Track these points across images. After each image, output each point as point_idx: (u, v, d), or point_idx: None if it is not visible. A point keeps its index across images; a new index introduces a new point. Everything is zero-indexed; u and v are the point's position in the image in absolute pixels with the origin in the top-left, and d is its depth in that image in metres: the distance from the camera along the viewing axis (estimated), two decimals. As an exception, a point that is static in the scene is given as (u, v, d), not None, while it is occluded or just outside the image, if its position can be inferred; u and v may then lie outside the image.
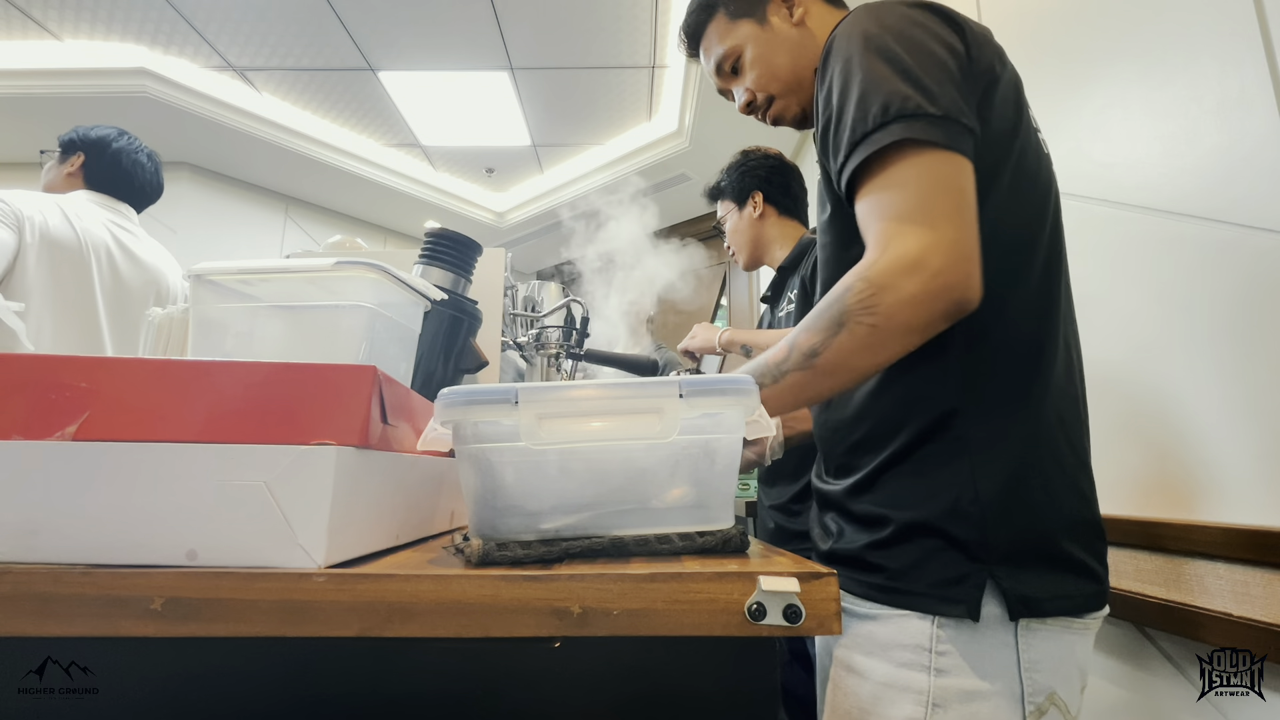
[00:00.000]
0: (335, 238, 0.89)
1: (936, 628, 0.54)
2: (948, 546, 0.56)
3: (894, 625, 0.56)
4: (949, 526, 0.56)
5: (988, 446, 0.57)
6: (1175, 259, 1.01)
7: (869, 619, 0.58)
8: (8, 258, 1.28)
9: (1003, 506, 0.56)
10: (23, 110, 3.10)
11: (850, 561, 0.61)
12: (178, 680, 0.38)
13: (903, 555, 0.57)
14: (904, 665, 0.55)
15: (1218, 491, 0.92)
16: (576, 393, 0.45)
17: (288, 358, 0.44)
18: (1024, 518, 0.56)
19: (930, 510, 0.57)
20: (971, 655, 0.54)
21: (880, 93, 0.56)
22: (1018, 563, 0.55)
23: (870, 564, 0.59)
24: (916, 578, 0.56)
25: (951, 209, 0.53)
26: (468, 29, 2.78)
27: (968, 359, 0.58)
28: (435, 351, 0.79)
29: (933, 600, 0.55)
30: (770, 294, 1.43)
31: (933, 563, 0.56)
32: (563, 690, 0.39)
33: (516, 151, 3.86)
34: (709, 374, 0.78)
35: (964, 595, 0.54)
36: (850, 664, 0.59)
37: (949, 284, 0.51)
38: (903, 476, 0.59)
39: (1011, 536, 0.55)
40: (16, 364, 0.40)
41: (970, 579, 0.54)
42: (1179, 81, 1.08)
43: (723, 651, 0.39)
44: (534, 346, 1.31)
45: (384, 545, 0.47)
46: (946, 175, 0.54)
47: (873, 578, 0.59)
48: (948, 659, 0.54)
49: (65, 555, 0.37)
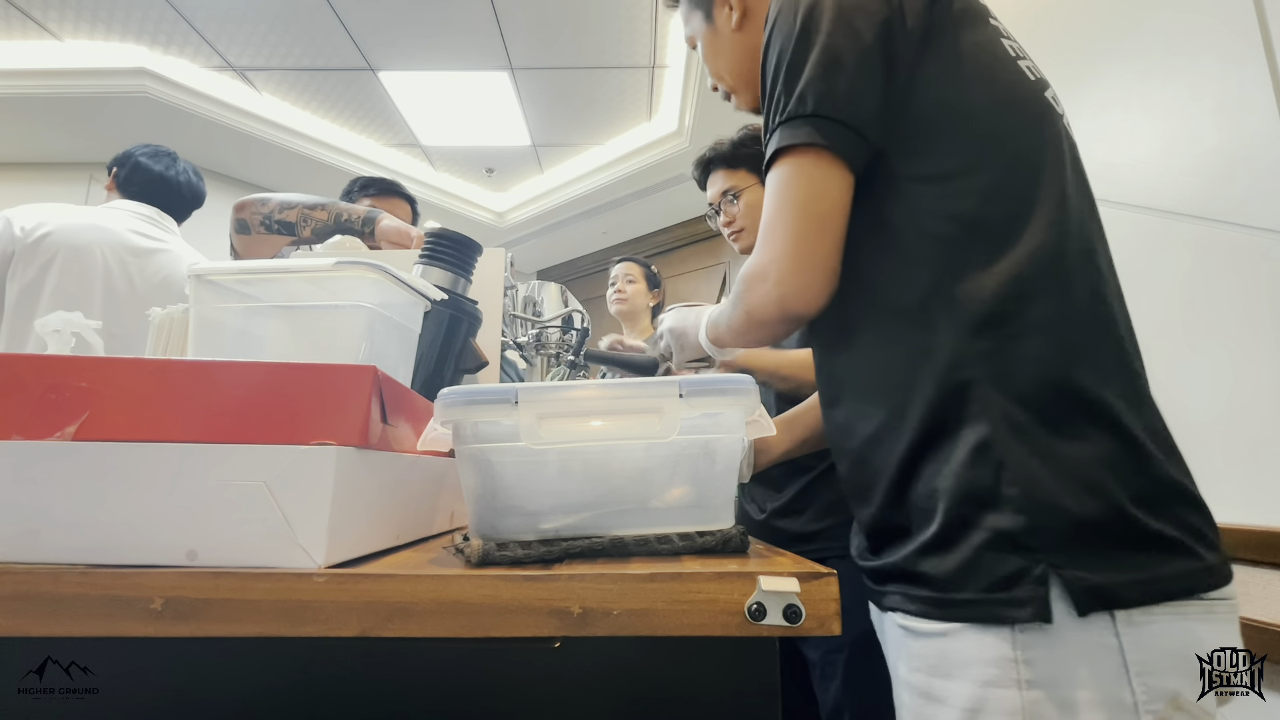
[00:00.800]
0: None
1: (1018, 633, 0.47)
2: (996, 540, 0.49)
3: (968, 639, 0.49)
4: (989, 518, 0.49)
5: (1002, 409, 0.50)
6: (1175, 259, 1.01)
7: (937, 636, 0.51)
8: None
9: (1038, 479, 0.48)
10: (23, 110, 3.10)
11: (895, 575, 0.56)
12: (178, 680, 0.38)
13: (948, 560, 0.51)
14: (989, 683, 0.48)
15: (1217, 491, 0.92)
16: (576, 393, 0.45)
17: (288, 358, 0.44)
18: (1072, 492, 0.48)
19: (962, 501, 0.50)
20: (1063, 661, 0.46)
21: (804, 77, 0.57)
22: (1078, 545, 0.47)
23: (916, 574, 0.53)
24: (967, 583, 0.49)
25: (793, 228, 0.57)
26: (468, 29, 2.78)
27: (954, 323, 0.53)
28: (435, 351, 0.79)
29: (993, 606, 0.48)
30: None
31: (982, 562, 0.49)
32: (563, 690, 0.39)
33: (516, 151, 3.86)
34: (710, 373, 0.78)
35: (1026, 595, 0.47)
36: (929, 691, 0.52)
37: (786, 294, 0.57)
38: (924, 469, 0.53)
39: (1060, 515, 0.48)
40: (16, 364, 0.40)
41: (1029, 574, 0.47)
42: (1179, 81, 1.08)
43: (723, 651, 0.39)
44: (534, 347, 1.31)
45: (384, 545, 0.47)
46: (801, 187, 0.57)
47: (921, 590, 0.52)
48: (1036, 668, 0.47)
49: (65, 555, 0.37)
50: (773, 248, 0.58)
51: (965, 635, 0.49)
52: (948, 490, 0.51)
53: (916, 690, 0.53)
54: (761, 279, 0.59)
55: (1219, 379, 0.93)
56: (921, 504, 0.54)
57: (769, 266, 0.58)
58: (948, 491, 0.51)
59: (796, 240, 0.57)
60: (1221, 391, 0.93)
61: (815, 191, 0.57)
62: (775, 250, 0.58)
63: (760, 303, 0.60)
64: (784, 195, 0.58)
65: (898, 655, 0.57)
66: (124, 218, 1.52)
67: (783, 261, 0.57)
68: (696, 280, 4.49)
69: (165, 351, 0.66)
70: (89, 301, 1.40)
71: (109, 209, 1.54)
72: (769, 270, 0.58)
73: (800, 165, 0.57)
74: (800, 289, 0.58)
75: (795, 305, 0.58)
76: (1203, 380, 0.95)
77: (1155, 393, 0.53)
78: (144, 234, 1.53)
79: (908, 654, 0.54)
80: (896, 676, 0.57)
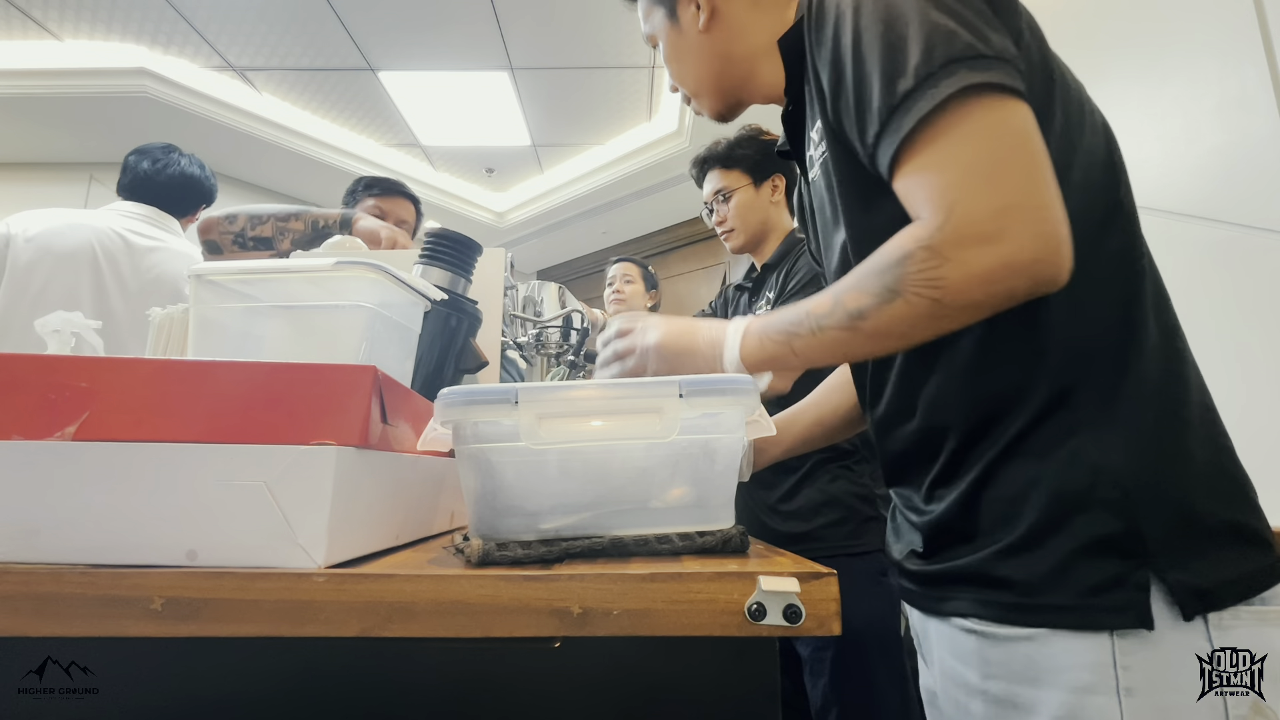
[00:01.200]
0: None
1: (1117, 638, 0.45)
2: (1092, 544, 0.47)
3: (1060, 644, 0.47)
4: (1088, 521, 0.47)
5: (1108, 416, 0.49)
6: (1175, 259, 1.01)
7: (1022, 641, 0.49)
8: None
9: (1148, 482, 0.47)
10: (23, 110, 3.10)
11: (962, 579, 0.53)
12: (178, 680, 0.38)
13: (1035, 563, 0.48)
14: (1086, 690, 0.46)
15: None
16: (576, 393, 0.45)
17: (288, 358, 0.44)
18: (1175, 490, 0.47)
19: (1055, 503, 0.48)
20: (1160, 666, 0.45)
21: (916, 36, 0.47)
22: (1182, 548, 0.46)
23: (993, 578, 0.51)
24: (1059, 587, 0.47)
25: (1028, 165, 0.45)
26: (468, 29, 2.78)
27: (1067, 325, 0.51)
28: (435, 351, 0.79)
29: (1090, 612, 0.46)
30: (751, 286, 1.40)
31: (1077, 565, 0.47)
32: (563, 690, 0.39)
33: (516, 151, 3.86)
34: None
35: (1127, 601, 0.45)
36: (1013, 699, 0.49)
37: (1034, 258, 0.44)
38: (1012, 470, 0.51)
39: (1166, 518, 0.47)
40: (16, 364, 0.40)
41: (1130, 579, 0.46)
42: (1179, 81, 1.08)
43: (723, 651, 0.39)
44: (534, 347, 1.31)
45: (384, 545, 0.47)
46: (1015, 125, 0.46)
47: (1001, 594, 0.50)
48: (1135, 674, 0.45)
49: (65, 555, 0.37)
50: (1004, 195, 0.44)
51: (1056, 640, 0.47)
52: (1041, 492, 0.49)
53: (995, 699, 0.51)
54: (987, 239, 0.44)
55: (1219, 378, 0.93)
56: (1004, 505, 0.51)
57: (1003, 219, 0.44)
58: (1041, 493, 0.49)
59: (1044, 182, 0.45)
60: (1222, 390, 0.93)
61: (1034, 130, 0.46)
62: (1011, 198, 0.44)
63: (987, 271, 0.44)
64: (1001, 131, 0.46)
65: (965, 663, 0.53)
66: (115, 218, 1.54)
67: (1030, 211, 0.44)
68: (696, 280, 4.49)
69: (165, 351, 0.66)
70: (77, 302, 1.41)
71: (103, 210, 1.56)
72: (1004, 225, 0.44)
73: (1005, 104, 0.46)
74: (1060, 243, 0.44)
75: (1053, 267, 0.44)
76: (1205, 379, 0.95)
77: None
78: (137, 232, 1.54)
79: (982, 660, 0.51)
80: (963, 685, 0.54)
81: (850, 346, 0.52)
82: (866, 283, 0.50)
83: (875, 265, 0.50)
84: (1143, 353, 0.52)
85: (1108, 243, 0.53)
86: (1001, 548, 0.50)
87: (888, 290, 0.48)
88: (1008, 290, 0.45)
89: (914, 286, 0.46)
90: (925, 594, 0.59)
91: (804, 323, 0.54)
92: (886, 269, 0.48)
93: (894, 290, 0.47)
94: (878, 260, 0.50)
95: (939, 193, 0.46)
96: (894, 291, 0.47)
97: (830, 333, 0.52)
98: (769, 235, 1.38)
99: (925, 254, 0.46)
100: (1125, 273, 0.54)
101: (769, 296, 1.33)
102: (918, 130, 0.47)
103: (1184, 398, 0.52)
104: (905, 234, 0.48)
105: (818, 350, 0.53)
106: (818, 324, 0.53)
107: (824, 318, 0.52)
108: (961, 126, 0.46)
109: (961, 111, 0.46)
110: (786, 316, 0.56)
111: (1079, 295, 0.49)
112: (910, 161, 0.48)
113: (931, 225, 0.46)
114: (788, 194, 1.39)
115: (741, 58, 0.71)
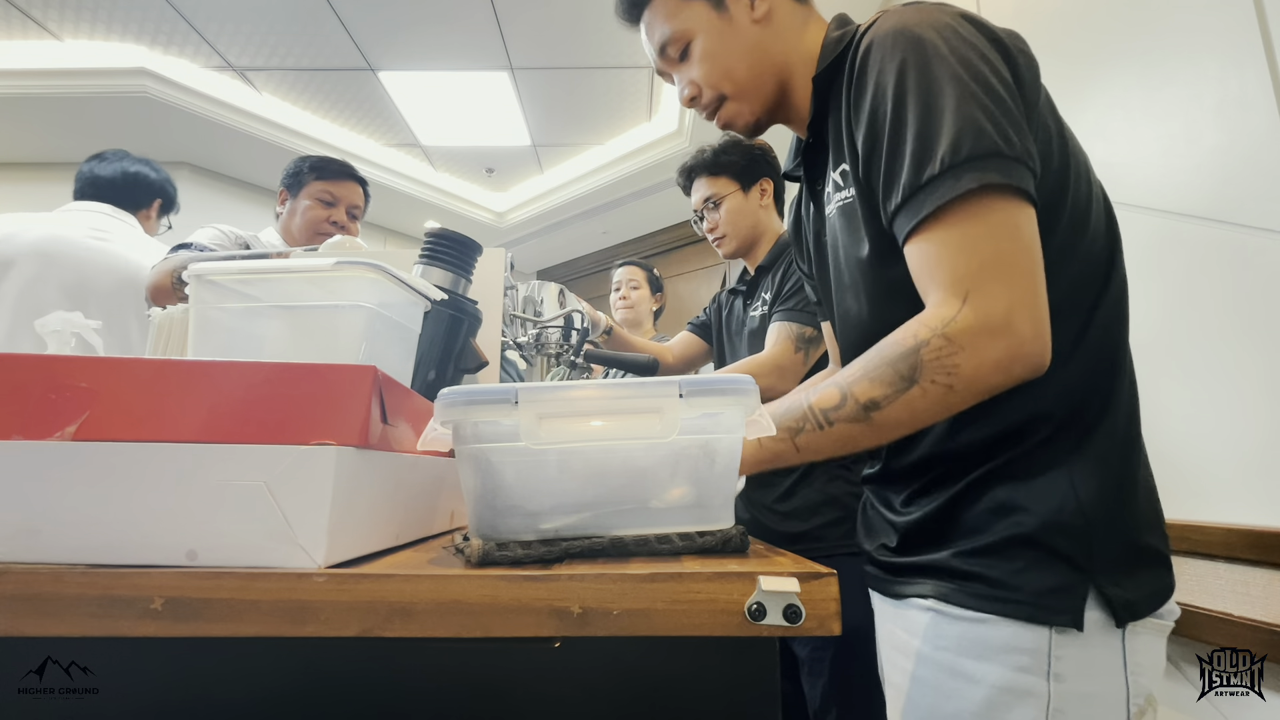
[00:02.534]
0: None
1: (1055, 633, 0.53)
2: (1049, 557, 0.54)
3: (1007, 630, 0.54)
4: (1051, 540, 0.54)
5: (1084, 454, 0.56)
6: (1175, 259, 1.01)
7: (975, 622, 0.56)
8: None
9: (1105, 515, 0.55)
10: (23, 110, 3.10)
11: (932, 571, 0.60)
12: (178, 680, 0.38)
13: (1002, 565, 0.56)
14: (1022, 670, 0.53)
15: (1216, 491, 0.92)
16: (576, 393, 0.45)
17: (288, 358, 0.44)
18: (1125, 524, 0.56)
19: (1030, 524, 0.55)
20: (1086, 661, 0.53)
21: (949, 126, 0.51)
22: (1120, 569, 0.54)
23: (962, 571, 0.58)
24: (1019, 586, 0.55)
25: (1031, 268, 0.50)
26: (468, 29, 2.78)
27: (1064, 371, 0.56)
28: (435, 351, 0.79)
29: (1039, 610, 0.54)
30: (745, 290, 1.41)
31: (1034, 572, 0.54)
32: (563, 690, 0.39)
33: (516, 151, 3.86)
34: None
35: (1068, 605, 0.53)
36: (958, 668, 0.57)
37: (1032, 351, 0.50)
38: (998, 491, 0.57)
39: (1114, 545, 0.55)
40: (16, 364, 0.40)
41: (1075, 589, 0.53)
42: (1179, 82, 1.08)
43: (723, 652, 0.39)
44: (534, 347, 1.31)
45: (384, 545, 0.47)
46: (1023, 228, 0.51)
47: (967, 584, 0.57)
48: (1065, 664, 0.53)
49: (65, 555, 0.37)
50: (1012, 293, 0.49)
51: (1005, 626, 0.54)
52: (1017, 511, 0.56)
53: (942, 667, 0.57)
54: (997, 331, 0.49)
55: (1219, 378, 0.93)
56: (980, 518, 0.57)
57: (1011, 315, 0.49)
58: (1017, 512, 0.56)
59: (1041, 284, 0.50)
60: (1222, 391, 0.93)
61: (1036, 233, 0.52)
62: (1017, 296, 0.49)
63: (997, 360, 0.49)
64: (1012, 233, 0.50)
65: (914, 635, 0.60)
66: (73, 217, 1.59)
67: (1031, 309, 0.49)
68: (696, 280, 4.49)
69: (165, 351, 0.66)
70: (51, 302, 1.44)
71: (62, 212, 1.62)
72: (1012, 320, 0.49)
73: (1016, 206, 0.51)
74: (1048, 337, 0.50)
75: (1043, 356, 0.50)
76: (1203, 379, 0.95)
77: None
78: (96, 228, 1.60)
79: (936, 634, 0.58)
80: (916, 655, 0.60)
81: (859, 438, 0.54)
82: (879, 372, 0.52)
83: (886, 355, 0.53)
84: (1120, 393, 0.59)
85: (1105, 300, 0.59)
86: (969, 549, 0.57)
87: (902, 378, 0.51)
88: (1012, 377, 0.50)
89: (930, 373, 0.50)
90: (889, 580, 0.65)
91: (808, 418, 0.55)
92: (900, 357, 0.51)
93: (909, 378, 0.51)
94: (889, 350, 0.53)
95: (955, 280, 0.50)
96: (909, 380, 0.51)
97: (840, 427, 0.54)
98: (760, 239, 1.39)
99: (941, 342, 0.49)
100: (1116, 324, 0.60)
101: (765, 298, 1.33)
102: (935, 213, 0.51)
103: (1138, 433, 0.60)
104: (918, 322, 0.52)
105: (824, 444, 0.55)
106: (824, 418, 0.55)
107: (832, 411, 0.54)
108: (975, 220, 0.50)
109: (977, 205, 0.50)
110: (785, 412, 0.57)
111: (1080, 352, 0.57)
112: (923, 237, 0.53)
113: (946, 313, 0.50)
114: (776, 197, 1.40)
115: (784, 63, 0.69)
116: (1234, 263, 0.94)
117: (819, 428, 0.55)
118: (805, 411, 0.56)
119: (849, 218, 0.64)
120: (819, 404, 0.55)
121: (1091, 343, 0.58)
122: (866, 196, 0.60)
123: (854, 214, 0.63)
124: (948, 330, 0.49)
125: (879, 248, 0.60)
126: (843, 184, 0.64)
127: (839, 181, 0.65)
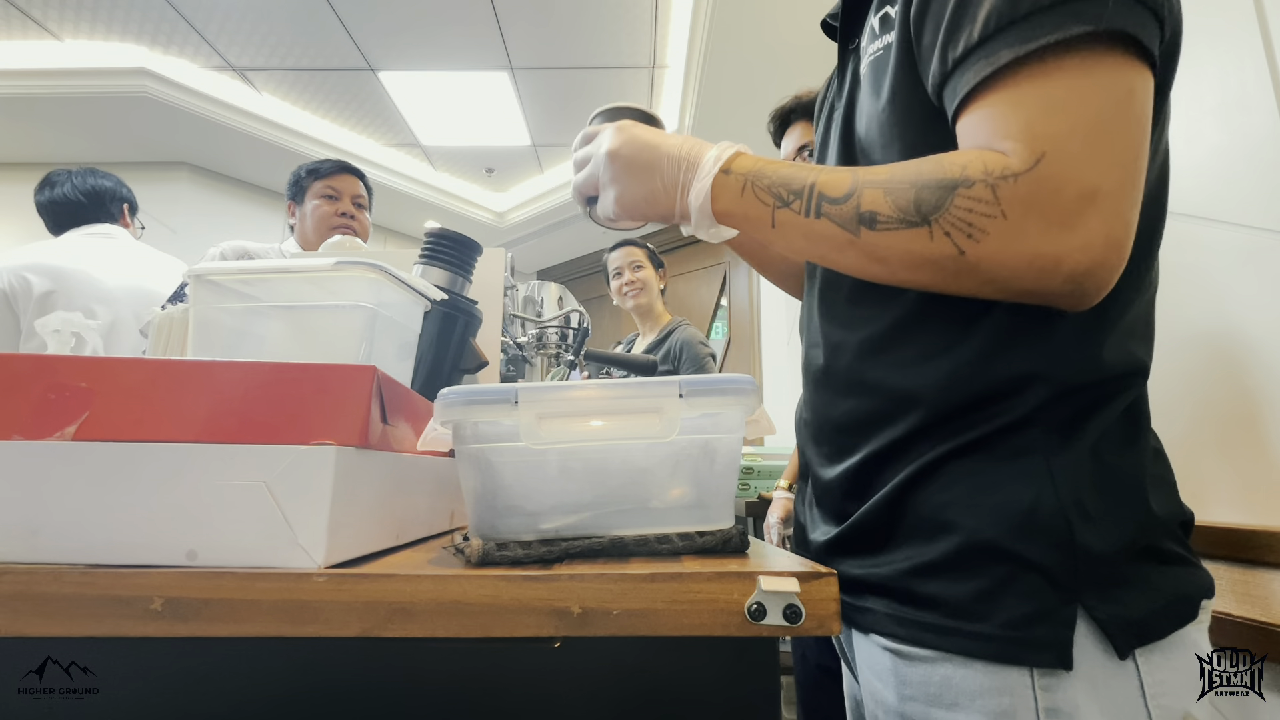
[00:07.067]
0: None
1: (1038, 674, 0.42)
2: (1020, 572, 0.43)
3: (977, 672, 0.43)
4: (1020, 548, 0.43)
5: (1073, 437, 0.44)
6: (1174, 259, 1.01)
7: (940, 661, 0.45)
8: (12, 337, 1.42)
9: (1098, 514, 0.43)
10: (23, 110, 3.10)
11: (881, 589, 0.49)
12: (178, 680, 0.38)
13: (959, 584, 0.44)
14: (1003, 714, 0.42)
15: (1218, 491, 0.92)
16: (576, 393, 0.45)
17: (288, 358, 0.44)
18: (1127, 525, 0.43)
19: (991, 527, 0.44)
20: (1085, 693, 0.41)
21: None
22: (1119, 582, 0.42)
23: (913, 594, 0.47)
24: (980, 614, 0.43)
25: (1136, 149, 0.38)
26: (468, 29, 2.78)
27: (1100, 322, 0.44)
28: (435, 351, 0.79)
29: (1005, 645, 0.42)
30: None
31: (1001, 595, 0.43)
32: (563, 690, 0.39)
33: (516, 151, 3.86)
34: None
35: (1048, 638, 0.41)
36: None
37: (1095, 263, 0.37)
38: (951, 478, 0.46)
39: (1110, 552, 0.43)
40: (16, 364, 0.40)
41: (1055, 615, 0.42)
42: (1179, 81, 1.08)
43: (723, 651, 0.39)
44: (534, 347, 1.31)
45: (384, 545, 0.47)
46: (1137, 95, 0.38)
47: (919, 613, 0.46)
48: (1059, 699, 0.41)
49: (65, 555, 0.37)
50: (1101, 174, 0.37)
51: (971, 667, 0.44)
52: (979, 509, 0.44)
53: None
54: (1060, 219, 0.36)
55: (1219, 378, 0.93)
56: (935, 513, 0.46)
57: (1088, 204, 0.36)
58: (979, 510, 0.44)
59: (1139, 176, 0.38)
60: (1221, 391, 0.93)
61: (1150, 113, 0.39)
62: (1104, 177, 0.37)
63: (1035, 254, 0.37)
64: (1123, 103, 0.38)
65: (883, 682, 0.49)
66: (107, 254, 1.58)
67: (1116, 205, 0.37)
68: (697, 280, 4.49)
69: (165, 351, 0.66)
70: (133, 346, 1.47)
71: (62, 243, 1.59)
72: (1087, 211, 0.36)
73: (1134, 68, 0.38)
74: (1120, 260, 0.38)
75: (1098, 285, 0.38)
76: (1202, 380, 0.95)
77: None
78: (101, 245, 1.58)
79: (899, 681, 0.47)
80: (882, 704, 0.49)
81: (836, 253, 0.44)
82: (899, 188, 0.40)
83: (920, 172, 0.40)
84: (1143, 373, 0.48)
85: (1149, 262, 0.48)
86: (927, 562, 0.46)
87: (917, 210, 0.39)
88: (1047, 290, 0.38)
89: (950, 221, 0.38)
90: (844, 600, 0.53)
91: (804, 194, 0.44)
92: (933, 184, 0.39)
93: (924, 214, 0.39)
94: (927, 169, 0.40)
95: (1032, 135, 0.37)
96: (923, 216, 0.39)
97: (825, 224, 0.43)
98: None
99: (985, 193, 0.37)
100: (1149, 291, 0.49)
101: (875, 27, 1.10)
102: (1030, 58, 0.38)
103: (1147, 411, 0.48)
104: (977, 155, 0.39)
105: (799, 234, 0.44)
106: (818, 204, 0.43)
107: (828, 202, 0.43)
108: (1083, 76, 0.37)
109: (1090, 58, 0.37)
110: (787, 178, 0.45)
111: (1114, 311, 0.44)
112: (1005, 88, 0.39)
113: (1012, 164, 0.37)
114: None
115: None
116: (1234, 263, 0.94)
117: (806, 213, 0.43)
118: (804, 187, 0.44)
119: (877, 71, 0.50)
120: (823, 185, 0.44)
121: (1144, 301, 0.45)
122: (905, 45, 0.47)
123: (883, 66, 0.49)
124: (999, 185, 0.37)
125: (902, 98, 0.47)
126: (879, 29, 0.50)
127: (875, 28, 0.51)
